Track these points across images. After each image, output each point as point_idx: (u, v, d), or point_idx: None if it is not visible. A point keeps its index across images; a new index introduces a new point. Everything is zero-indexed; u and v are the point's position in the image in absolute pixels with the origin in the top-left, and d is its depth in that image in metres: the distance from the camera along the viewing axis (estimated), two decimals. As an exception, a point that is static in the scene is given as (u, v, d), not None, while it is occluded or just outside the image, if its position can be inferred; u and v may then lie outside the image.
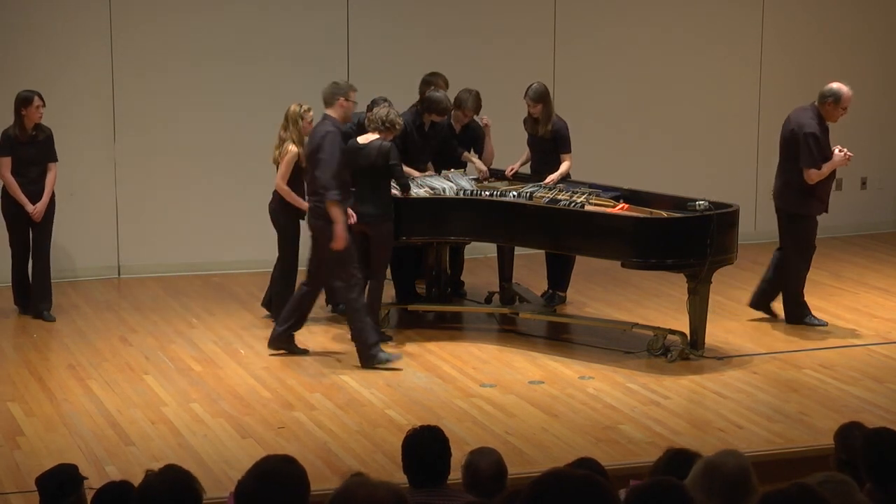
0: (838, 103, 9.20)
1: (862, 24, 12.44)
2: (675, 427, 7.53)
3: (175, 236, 10.91)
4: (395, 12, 11.26)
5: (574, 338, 9.42)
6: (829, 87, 9.29)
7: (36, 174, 9.50)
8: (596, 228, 8.83)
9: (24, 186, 9.45)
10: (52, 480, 5.02)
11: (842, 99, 9.19)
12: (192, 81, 10.82)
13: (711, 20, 12.02)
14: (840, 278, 10.90)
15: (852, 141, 12.49)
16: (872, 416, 7.46)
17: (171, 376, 8.45)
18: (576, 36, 11.64)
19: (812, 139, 9.22)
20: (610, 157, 11.22)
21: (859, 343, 9.14)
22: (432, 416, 7.61)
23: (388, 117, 8.77)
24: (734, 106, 12.21)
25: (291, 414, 7.78)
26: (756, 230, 12.10)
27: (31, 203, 9.45)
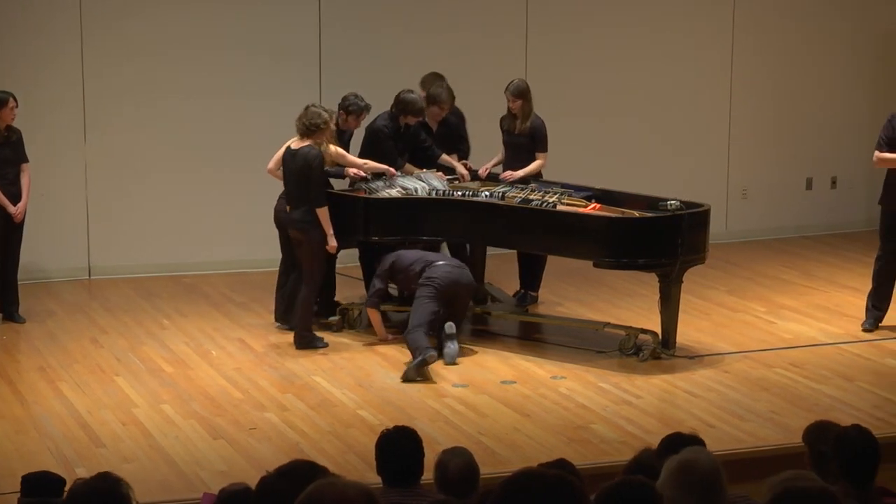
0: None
1: (833, 25, 12.49)
2: (646, 426, 7.55)
3: (146, 237, 10.87)
4: (366, 8, 11.24)
5: (546, 337, 9.43)
6: None
7: (13, 175, 9.44)
8: (568, 228, 8.85)
9: (3, 188, 9.39)
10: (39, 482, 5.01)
11: None
12: (162, 82, 10.77)
13: (682, 20, 12.05)
14: (811, 277, 10.95)
15: (823, 140, 12.63)
16: (843, 414, 7.49)
17: (142, 377, 8.42)
18: (547, 35, 11.65)
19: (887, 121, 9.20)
20: (581, 157, 11.24)
21: (830, 342, 9.18)
22: (404, 417, 7.60)
23: (311, 121, 8.79)
24: (705, 106, 12.25)
25: (263, 415, 7.76)
26: (727, 230, 12.16)
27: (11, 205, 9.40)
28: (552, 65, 11.59)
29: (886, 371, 8.59)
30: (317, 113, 8.82)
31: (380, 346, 9.03)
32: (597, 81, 11.81)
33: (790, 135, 12.48)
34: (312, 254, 8.89)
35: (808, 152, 12.56)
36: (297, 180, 8.85)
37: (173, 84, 10.79)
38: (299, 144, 8.90)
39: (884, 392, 8.14)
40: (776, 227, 12.41)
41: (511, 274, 10.17)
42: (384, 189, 9.22)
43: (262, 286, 10.32)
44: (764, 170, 12.42)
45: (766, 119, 12.42)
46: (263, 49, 10.93)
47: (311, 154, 8.80)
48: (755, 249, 11.92)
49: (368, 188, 9.26)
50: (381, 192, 9.19)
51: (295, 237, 9.01)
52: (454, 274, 8.80)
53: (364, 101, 9.43)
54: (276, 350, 8.96)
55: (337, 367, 8.62)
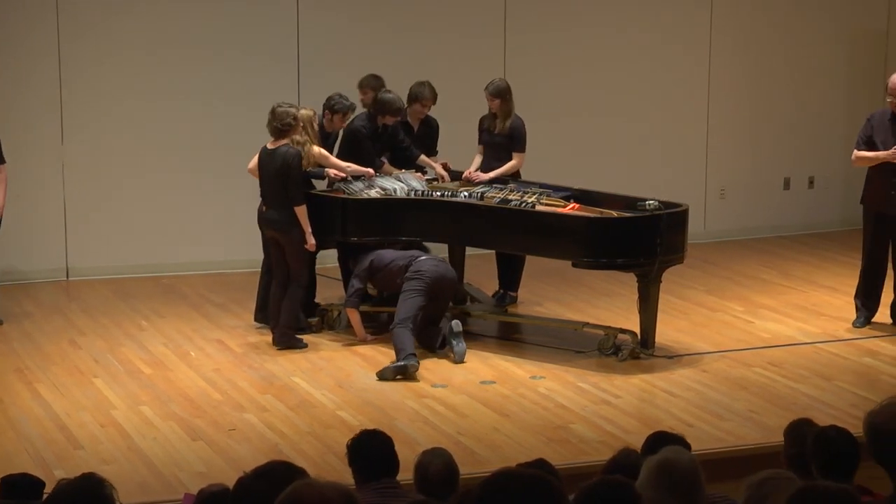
0: (887, 92, 9.20)
1: (810, 25, 12.55)
2: (625, 426, 7.56)
3: (124, 238, 10.84)
4: (345, 9, 11.23)
5: (525, 337, 9.44)
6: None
7: None
8: (547, 228, 8.86)
9: None
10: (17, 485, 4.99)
11: (888, 87, 9.20)
12: (140, 84, 10.74)
13: (660, 20, 12.08)
14: (789, 277, 10.99)
15: (800, 141, 12.68)
16: (821, 413, 7.52)
17: (121, 379, 8.39)
18: (526, 36, 11.67)
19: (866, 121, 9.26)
20: (560, 157, 11.26)
21: (808, 341, 9.21)
22: (384, 417, 7.60)
23: (283, 122, 8.79)
24: (683, 106, 12.28)
25: (242, 416, 7.74)
26: (705, 230, 12.19)
27: None
28: (530, 66, 11.60)
29: (864, 370, 8.63)
30: (285, 112, 8.83)
31: (359, 346, 9.02)
32: (574, 82, 11.82)
33: (767, 135, 12.53)
34: (295, 254, 8.88)
35: (785, 152, 12.61)
36: (275, 180, 8.84)
37: (151, 86, 10.76)
38: (275, 144, 8.89)
39: (861, 391, 8.17)
40: (754, 226, 12.46)
41: (490, 274, 10.18)
42: (363, 190, 9.21)
43: (241, 287, 10.31)
44: (742, 170, 12.47)
45: (743, 119, 12.46)
46: (242, 51, 10.91)
47: (290, 153, 8.80)
48: (733, 249, 11.96)
49: (347, 188, 9.26)
50: (359, 193, 9.18)
51: (273, 237, 8.99)
52: (440, 268, 8.86)
53: (349, 101, 9.44)
54: (255, 351, 8.95)
55: (316, 368, 8.61)
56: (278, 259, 8.99)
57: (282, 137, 8.86)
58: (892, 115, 9.20)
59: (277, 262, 9.01)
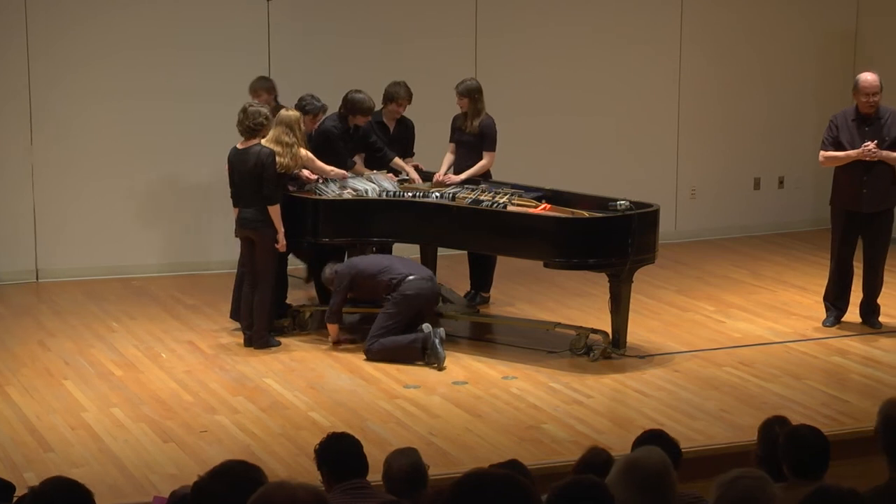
0: (857, 91, 9.25)
1: (780, 25, 12.61)
2: (597, 426, 7.58)
3: (94, 240, 10.79)
4: (315, 10, 11.22)
5: (497, 338, 9.45)
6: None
7: None
8: (518, 229, 8.87)
9: None
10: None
11: (857, 85, 9.25)
12: (110, 85, 10.70)
13: (631, 20, 12.12)
14: (759, 276, 11.04)
15: (770, 141, 12.74)
16: (791, 412, 7.53)
17: (92, 381, 8.35)
18: (497, 36, 11.68)
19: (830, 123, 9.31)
20: (531, 158, 11.28)
21: (778, 340, 9.25)
22: (356, 418, 7.60)
23: (255, 121, 8.78)
24: (654, 107, 12.32)
25: (214, 417, 7.72)
26: (676, 230, 12.24)
27: None
28: (501, 65, 11.61)
29: (834, 369, 8.68)
30: (257, 111, 8.82)
31: (331, 348, 9.01)
32: (546, 82, 11.85)
33: (738, 135, 12.59)
34: (266, 253, 8.87)
35: (755, 153, 12.67)
36: (249, 180, 8.82)
37: (121, 86, 10.72)
38: (246, 144, 8.87)
39: (831, 390, 8.22)
40: (725, 226, 12.51)
41: (462, 275, 10.19)
42: (335, 191, 9.20)
43: (212, 288, 10.29)
44: (712, 170, 12.52)
45: (713, 120, 12.51)
46: (212, 53, 10.88)
47: (264, 153, 8.77)
48: (704, 249, 12.01)
49: (318, 190, 9.25)
50: (331, 194, 9.17)
51: (246, 237, 8.96)
52: (426, 290, 8.81)
53: (320, 102, 9.42)
54: (226, 352, 8.92)
55: (288, 370, 8.59)
56: (251, 259, 8.97)
57: (253, 137, 8.84)
58: (856, 115, 9.26)
59: (250, 263, 8.99)
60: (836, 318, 9.51)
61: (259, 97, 9.66)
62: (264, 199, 8.79)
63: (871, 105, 9.17)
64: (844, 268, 9.43)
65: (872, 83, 9.16)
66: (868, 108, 9.18)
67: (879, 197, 9.25)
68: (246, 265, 9.06)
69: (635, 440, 5.20)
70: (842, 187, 9.36)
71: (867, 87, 9.16)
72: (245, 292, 9.01)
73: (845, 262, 9.42)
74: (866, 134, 9.22)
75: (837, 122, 9.32)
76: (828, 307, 9.57)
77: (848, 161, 9.23)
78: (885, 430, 4.14)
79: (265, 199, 8.79)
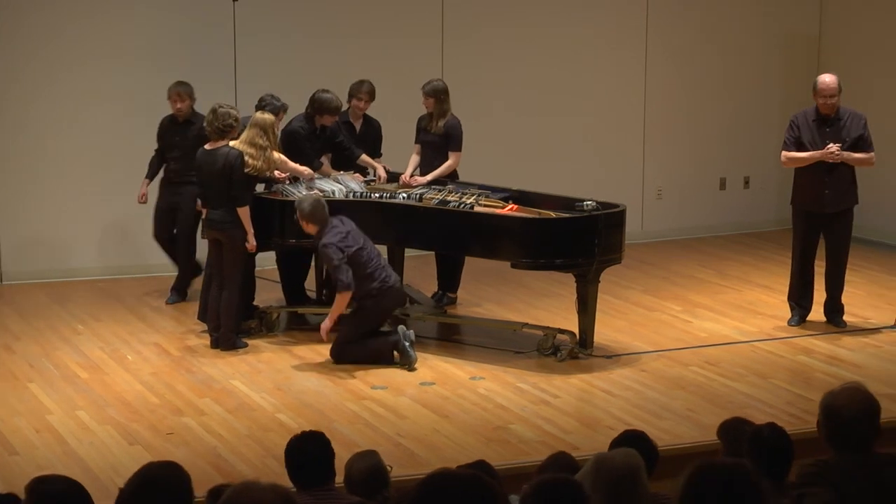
0: (815, 93, 9.30)
1: (744, 27, 12.68)
2: (564, 426, 7.59)
3: (59, 242, 10.73)
4: (281, 11, 11.20)
5: (465, 338, 9.45)
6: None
7: None
8: (485, 229, 8.88)
9: None
10: None
11: (815, 87, 9.30)
12: (74, 88, 10.64)
13: (597, 21, 12.15)
14: (725, 276, 11.09)
15: (735, 141, 12.80)
16: (757, 411, 7.60)
17: (57, 384, 8.30)
18: (463, 36, 11.69)
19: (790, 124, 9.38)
20: (497, 158, 11.29)
21: (744, 339, 9.30)
22: (323, 419, 7.58)
23: (224, 122, 8.76)
24: (620, 107, 12.36)
25: (180, 419, 7.69)
26: (643, 230, 12.28)
27: None
28: (468, 65, 11.62)
29: (799, 368, 8.73)
30: (227, 113, 8.81)
31: (298, 348, 8.98)
32: (512, 83, 11.86)
33: (703, 136, 12.64)
34: (233, 255, 8.84)
35: (721, 153, 12.73)
36: (217, 181, 8.79)
37: (85, 89, 10.66)
38: (215, 145, 8.85)
39: (797, 389, 8.27)
40: (691, 226, 12.57)
41: (429, 275, 10.19)
42: (302, 192, 9.18)
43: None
44: (678, 170, 12.57)
45: (679, 120, 12.56)
46: (177, 54, 10.83)
47: (233, 154, 8.75)
48: (670, 249, 12.06)
49: (285, 191, 9.23)
50: (297, 195, 9.15)
51: (214, 238, 8.93)
52: (399, 299, 8.84)
53: (280, 101, 9.40)
54: (193, 354, 8.89)
55: (255, 371, 8.57)
56: (219, 261, 8.94)
57: (222, 138, 8.82)
58: (816, 116, 9.32)
59: (218, 264, 8.96)
60: (801, 317, 9.57)
61: (183, 102, 9.71)
62: (233, 200, 8.76)
63: (829, 106, 9.24)
64: (806, 267, 9.49)
65: (830, 85, 9.22)
66: (827, 109, 9.25)
67: (840, 197, 9.32)
68: (214, 266, 9.03)
69: (613, 440, 5.22)
70: (803, 188, 9.42)
71: (825, 89, 9.22)
72: (212, 294, 8.98)
73: (807, 262, 9.48)
74: (827, 134, 9.28)
75: (798, 123, 9.38)
76: (792, 306, 9.63)
77: (811, 162, 9.29)
78: (826, 421, 4.20)
79: (234, 201, 8.77)
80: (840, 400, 4.22)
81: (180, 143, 9.84)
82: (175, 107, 9.86)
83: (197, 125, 9.66)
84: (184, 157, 9.71)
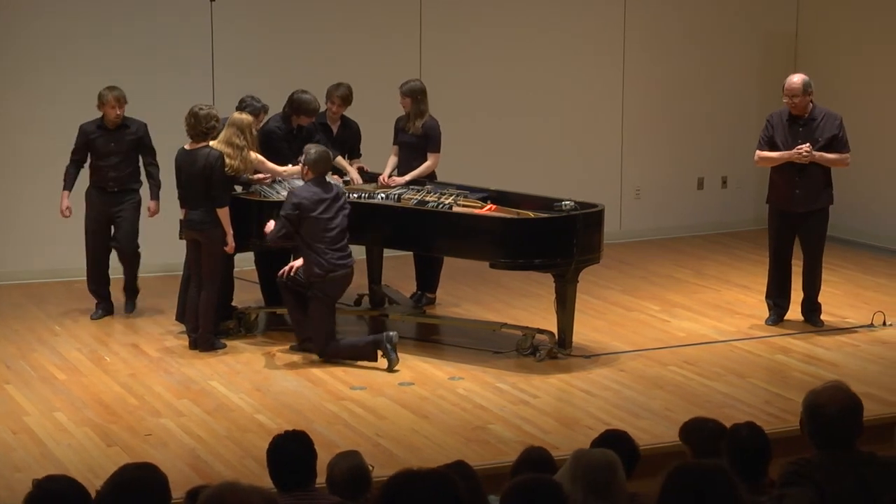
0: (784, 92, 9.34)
1: (721, 26, 12.71)
2: (543, 426, 7.60)
3: (36, 242, 10.68)
4: (258, 11, 11.17)
5: (443, 339, 9.45)
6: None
7: None
8: (464, 230, 8.88)
9: None
10: None
11: (785, 88, 9.33)
12: (52, 87, 10.60)
13: (575, 20, 12.17)
14: (702, 276, 11.12)
15: (713, 141, 12.84)
16: (735, 410, 7.63)
17: (34, 385, 8.27)
18: (442, 36, 11.69)
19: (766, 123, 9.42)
20: (476, 158, 11.30)
21: (722, 339, 9.33)
22: (302, 420, 7.57)
23: (207, 124, 8.75)
24: (598, 107, 12.38)
25: (159, 421, 7.67)
26: (621, 230, 12.30)
27: None
28: (446, 65, 11.63)
29: (777, 367, 8.76)
30: (208, 114, 8.80)
31: (276, 349, 8.96)
32: (490, 83, 11.87)
33: (681, 136, 12.68)
34: (212, 255, 8.82)
35: (699, 153, 12.77)
36: (197, 182, 8.76)
37: (61, 87, 10.61)
38: (195, 146, 8.83)
39: (774, 388, 8.29)
40: (669, 226, 12.60)
41: (408, 275, 10.18)
42: (279, 192, 9.17)
43: (156, 291, 10.21)
44: (656, 170, 12.60)
45: (657, 120, 12.59)
46: (155, 51, 10.80)
47: (213, 155, 8.73)
48: (648, 249, 12.09)
49: (263, 191, 9.21)
50: (275, 195, 9.14)
51: (193, 238, 8.90)
52: (350, 275, 8.77)
53: (261, 102, 9.37)
54: (171, 355, 8.87)
55: (234, 372, 8.55)
56: (197, 261, 8.92)
57: (203, 139, 8.79)
58: (789, 116, 9.36)
59: (196, 265, 8.94)
60: (779, 317, 9.60)
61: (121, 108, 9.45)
62: (212, 200, 8.74)
63: (795, 106, 9.27)
64: (782, 266, 9.53)
65: (791, 85, 9.25)
66: (793, 109, 9.29)
67: (812, 197, 9.36)
68: (192, 267, 9.01)
69: (594, 440, 5.23)
70: (776, 187, 9.47)
71: (788, 89, 9.28)
72: (191, 295, 8.96)
73: (783, 261, 9.52)
74: (800, 134, 9.32)
75: (773, 122, 9.42)
76: (770, 306, 9.66)
77: (782, 161, 9.33)
78: (809, 419, 4.23)
79: (214, 202, 8.75)
80: (823, 398, 4.24)
81: (117, 150, 9.51)
82: (115, 113, 9.43)
83: (132, 129, 9.50)
84: (123, 164, 9.51)
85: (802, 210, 9.35)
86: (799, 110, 9.27)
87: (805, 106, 9.28)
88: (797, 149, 9.23)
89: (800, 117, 9.31)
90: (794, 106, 9.26)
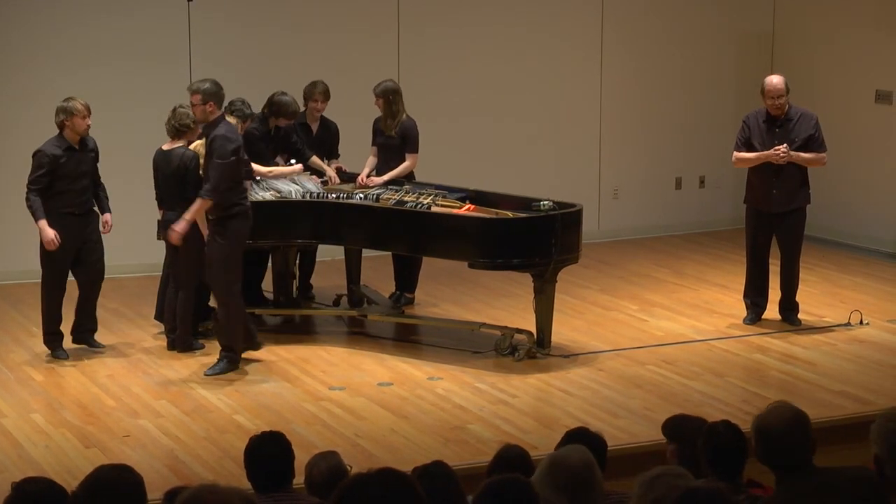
0: (763, 94, 9.36)
1: (698, 26, 12.75)
2: (522, 425, 7.61)
3: (12, 243, 10.63)
4: (236, 9, 11.15)
5: (422, 339, 9.45)
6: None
7: None
8: (443, 230, 8.89)
9: None
10: None
11: (763, 89, 9.36)
12: (28, 87, 10.55)
13: (552, 21, 12.19)
14: (681, 275, 11.15)
15: (691, 141, 12.88)
16: (713, 409, 7.65)
17: (11, 387, 8.24)
18: (419, 36, 11.69)
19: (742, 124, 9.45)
20: (454, 158, 11.30)
21: (700, 338, 9.36)
22: (281, 421, 7.56)
23: (181, 122, 8.75)
24: (576, 107, 12.40)
25: (137, 422, 7.65)
26: (599, 229, 12.33)
27: None
28: (424, 65, 11.63)
29: (755, 366, 8.80)
30: (185, 113, 8.79)
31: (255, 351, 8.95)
32: (468, 83, 11.88)
33: (659, 135, 12.71)
34: (189, 256, 8.80)
35: (676, 152, 12.80)
36: (172, 181, 8.76)
37: (37, 88, 10.56)
38: (171, 146, 8.83)
39: (752, 387, 8.33)
40: (647, 226, 12.63)
41: (387, 275, 10.18)
42: (257, 192, 9.16)
43: (134, 292, 10.19)
44: (634, 170, 12.63)
45: (635, 120, 12.62)
46: (132, 52, 10.77)
47: (188, 155, 8.74)
48: (627, 248, 12.11)
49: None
50: (254, 196, 9.12)
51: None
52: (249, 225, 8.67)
53: (250, 109, 9.28)
54: (149, 356, 8.85)
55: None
56: (175, 262, 8.90)
57: (179, 138, 8.80)
58: (766, 117, 9.40)
59: (174, 266, 8.92)
60: (757, 316, 9.64)
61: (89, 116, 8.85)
62: (187, 201, 8.72)
63: (777, 107, 9.31)
64: (760, 265, 9.57)
65: (777, 86, 9.29)
66: (775, 110, 9.33)
67: (789, 197, 9.40)
68: (171, 268, 8.99)
69: (560, 439, 5.23)
70: (753, 187, 9.51)
71: (772, 90, 9.30)
72: (169, 296, 8.95)
73: (760, 260, 9.56)
74: (776, 135, 9.36)
75: (750, 123, 9.47)
76: (748, 305, 9.70)
77: (759, 162, 9.37)
78: (759, 442, 4.29)
79: (188, 202, 8.72)
80: (767, 419, 4.31)
81: (86, 170, 8.77)
82: (87, 123, 8.67)
83: (90, 144, 8.83)
84: (91, 184, 8.83)
85: (780, 210, 9.40)
86: (779, 111, 9.31)
87: (784, 106, 9.33)
88: (774, 149, 9.27)
89: (777, 118, 9.35)
90: (776, 107, 9.30)
